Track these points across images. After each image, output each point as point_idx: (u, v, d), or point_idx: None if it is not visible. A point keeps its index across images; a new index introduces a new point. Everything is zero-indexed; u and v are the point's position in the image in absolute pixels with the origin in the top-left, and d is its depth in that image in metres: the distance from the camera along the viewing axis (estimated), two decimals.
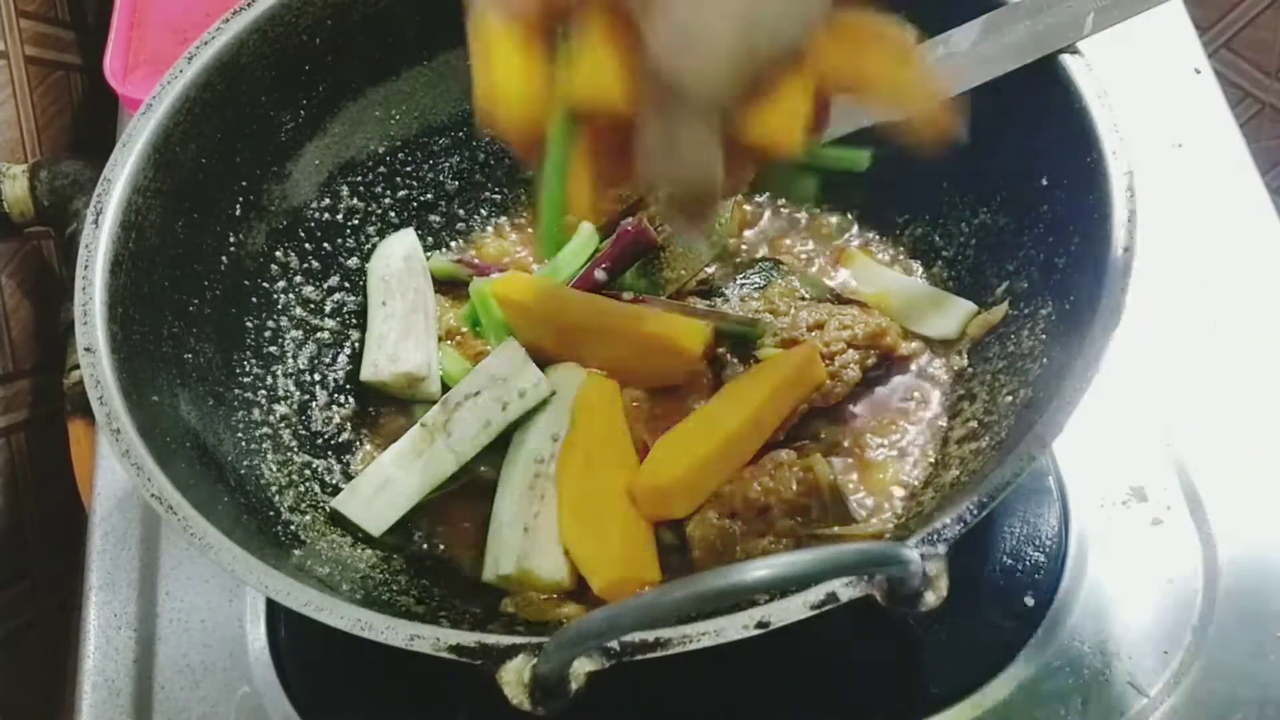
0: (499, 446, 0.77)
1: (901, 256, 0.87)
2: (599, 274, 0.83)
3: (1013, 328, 0.75)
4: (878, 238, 0.89)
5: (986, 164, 0.80)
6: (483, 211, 0.91)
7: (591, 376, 0.77)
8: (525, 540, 0.71)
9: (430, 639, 0.57)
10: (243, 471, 0.73)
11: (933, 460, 0.75)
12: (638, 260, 0.84)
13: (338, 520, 0.76)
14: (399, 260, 0.84)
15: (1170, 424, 0.82)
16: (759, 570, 0.50)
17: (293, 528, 0.73)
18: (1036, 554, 0.77)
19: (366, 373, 0.81)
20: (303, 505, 0.75)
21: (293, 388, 0.81)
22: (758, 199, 0.90)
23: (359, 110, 0.85)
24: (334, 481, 0.79)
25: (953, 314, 0.81)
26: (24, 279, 1.05)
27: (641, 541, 0.72)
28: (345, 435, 0.82)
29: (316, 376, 0.83)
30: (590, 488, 0.72)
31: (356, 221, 0.87)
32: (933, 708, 0.72)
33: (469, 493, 0.77)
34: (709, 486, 0.72)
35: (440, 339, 0.85)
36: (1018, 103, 0.76)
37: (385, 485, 0.74)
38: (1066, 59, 0.72)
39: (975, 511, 0.58)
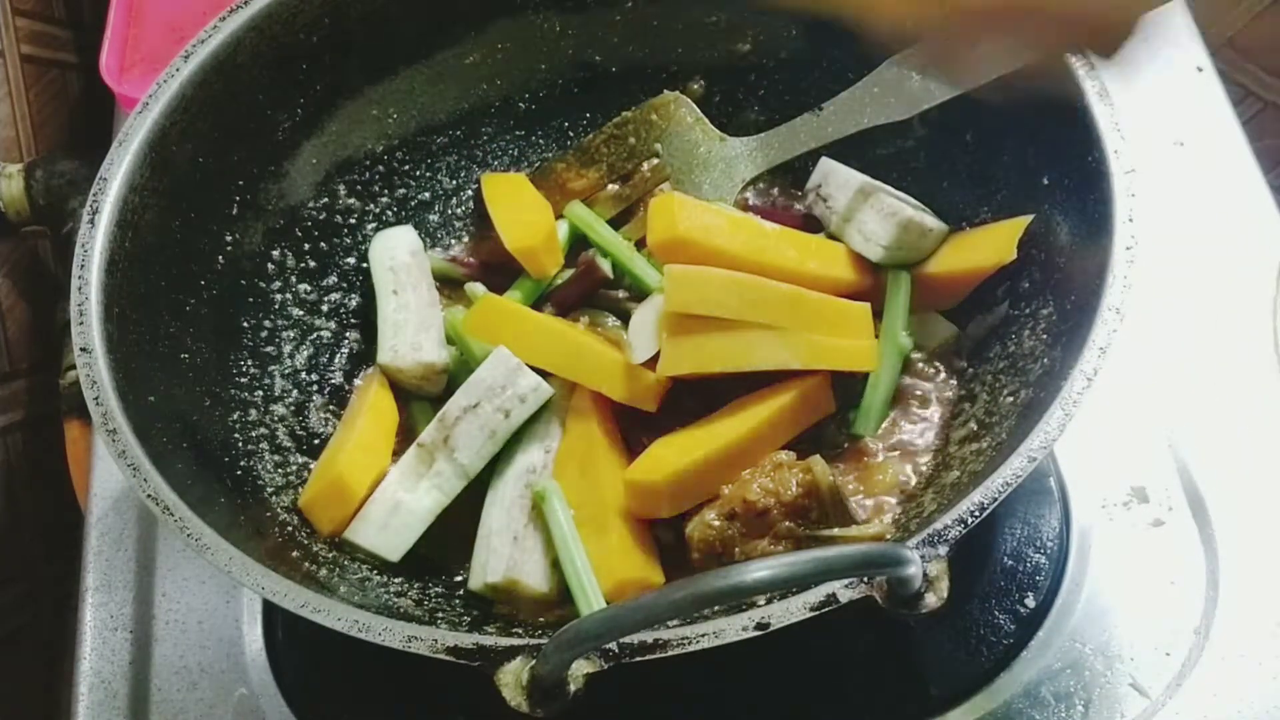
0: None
1: None
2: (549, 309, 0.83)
3: (1013, 328, 0.75)
4: None
5: (987, 163, 0.80)
6: (480, 211, 0.91)
7: (580, 386, 0.77)
8: (514, 549, 0.71)
9: (428, 640, 0.57)
10: (239, 472, 0.73)
11: (933, 461, 0.75)
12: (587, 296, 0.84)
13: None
14: (405, 254, 0.84)
15: (1172, 424, 0.82)
16: (759, 571, 0.50)
17: (289, 529, 0.72)
18: (1038, 555, 0.77)
19: (385, 357, 0.80)
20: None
21: (290, 388, 0.80)
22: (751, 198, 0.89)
23: (356, 109, 0.84)
24: None
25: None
26: (20, 278, 1.05)
27: (643, 544, 0.72)
28: None
29: (314, 377, 0.82)
30: (588, 494, 0.72)
31: (354, 221, 0.86)
32: (933, 709, 0.72)
33: (468, 496, 0.76)
34: (699, 492, 0.72)
35: None
36: (1019, 102, 0.76)
37: (395, 510, 0.73)
38: (1068, 57, 0.71)
39: (976, 513, 0.58)
